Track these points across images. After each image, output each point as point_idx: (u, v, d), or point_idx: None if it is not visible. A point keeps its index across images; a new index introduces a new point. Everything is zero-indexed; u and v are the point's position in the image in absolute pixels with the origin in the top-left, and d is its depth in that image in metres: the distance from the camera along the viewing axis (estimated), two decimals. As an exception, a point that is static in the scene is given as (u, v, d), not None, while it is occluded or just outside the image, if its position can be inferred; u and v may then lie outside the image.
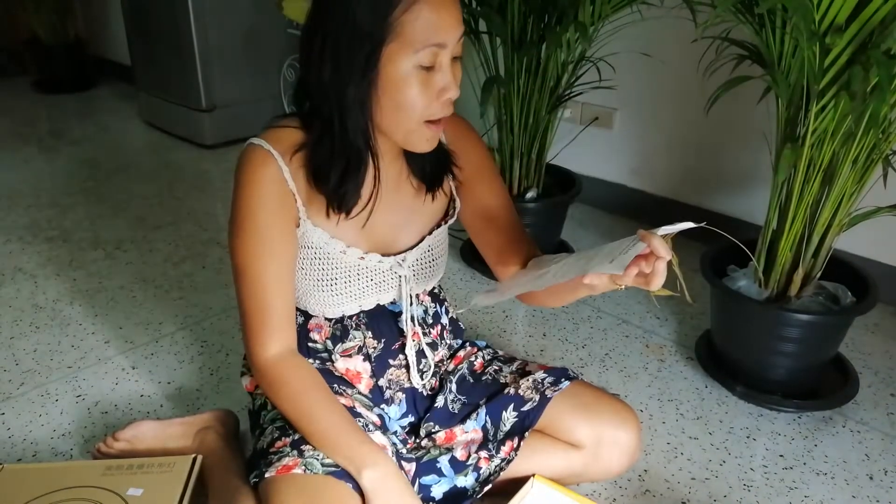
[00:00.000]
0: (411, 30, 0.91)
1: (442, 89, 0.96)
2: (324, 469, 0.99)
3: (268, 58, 3.06)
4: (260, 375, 1.05)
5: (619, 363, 1.68)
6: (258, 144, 1.01)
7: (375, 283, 1.11)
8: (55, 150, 3.01)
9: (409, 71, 0.93)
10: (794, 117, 1.43)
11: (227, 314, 1.84)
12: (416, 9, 0.91)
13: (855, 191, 1.44)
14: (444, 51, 0.94)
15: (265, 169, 1.00)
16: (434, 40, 0.92)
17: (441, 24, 0.92)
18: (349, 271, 1.09)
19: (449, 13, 0.93)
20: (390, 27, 0.91)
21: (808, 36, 1.24)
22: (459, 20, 0.95)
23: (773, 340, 1.49)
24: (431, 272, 1.17)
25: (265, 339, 1.04)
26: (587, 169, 2.41)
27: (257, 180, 1.00)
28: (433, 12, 0.91)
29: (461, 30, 0.96)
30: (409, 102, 0.95)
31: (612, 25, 1.82)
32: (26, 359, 1.65)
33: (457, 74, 0.98)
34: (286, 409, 1.05)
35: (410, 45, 0.92)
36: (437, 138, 1.02)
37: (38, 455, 1.37)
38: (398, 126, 0.98)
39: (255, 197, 1.00)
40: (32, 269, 2.06)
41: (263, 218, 1.01)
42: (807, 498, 1.30)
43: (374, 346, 1.15)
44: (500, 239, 1.17)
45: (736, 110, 1.97)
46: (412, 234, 1.14)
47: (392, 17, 0.90)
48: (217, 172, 2.82)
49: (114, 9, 3.68)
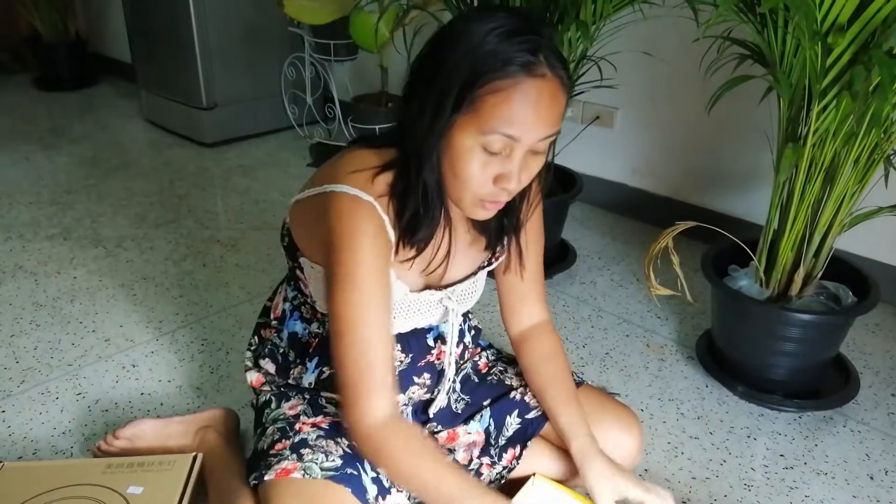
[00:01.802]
0: (488, 111, 0.87)
1: (500, 176, 0.92)
2: (323, 474, 0.99)
3: (269, 56, 3.06)
4: (362, 444, 0.97)
5: (619, 362, 1.68)
6: (355, 195, 0.94)
7: (421, 313, 1.10)
8: (56, 148, 3.01)
9: (472, 147, 0.90)
10: (795, 117, 1.43)
11: (227, 312, 1.84)
12: (503, 95, 0.86)
13: (856, 191, 1.44)
14: (517, 143, 0.89)
15: (369, 221, 0.94)
16: (506, 131, 0.88)
17: (522, 121, 0.88)
18: (401, 304, 1.07)
19: (536, 113, 0.88)
20: (472, 98, 0.87)
21: (810, 35, 1.24)
22: (550, 122, 0.90)
23: (773, 340, 1.49)
24: (470, 301, 1.17)
25: (369, 406, 0.95)
26: (588, 168, 2.41)
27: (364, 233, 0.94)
28: (518, 106, 0.87)
29: (548, 132, 0.90)
30: (464, 176, 0.92)
31: (614, 24, 1.82)
32: (27, 356, 1.65)
33: (531, 167, 0.93)
34: (397, 475, 0.98)
35: (481, 125, 0.88)
36: (490, 214, 0.98)
37: (38, 453, 1.37)
38: (452, 192, 0.95)
39: (363, 250, 0.94)
40: (33, 266, 2.06)
41: (370, 270, 0.95)
42: (807, 497, 1.30)
43: (401, 359, 1.13)
44: (519, 289, 1.18)
45: (737, 110, 1.97)
46: (463, 268, 1.12)
47: (477, 90, 0.87)
48: (218, 170, 2.82)
49: (114, 6, 3.68)
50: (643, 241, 2.24)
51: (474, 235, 1.10)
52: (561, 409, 1.12)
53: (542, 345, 1.18)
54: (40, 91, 3.85)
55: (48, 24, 3.75)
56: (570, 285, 2.01)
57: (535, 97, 0.87)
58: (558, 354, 1.18)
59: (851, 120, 1.31)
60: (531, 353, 1.18)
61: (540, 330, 1.19)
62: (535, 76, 0.87)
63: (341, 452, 1.03)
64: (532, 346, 1.19)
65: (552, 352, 1.18)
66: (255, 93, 3.10)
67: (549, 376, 1.15)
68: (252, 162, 2.90)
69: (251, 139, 3.14)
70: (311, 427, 1.07)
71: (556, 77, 0.89)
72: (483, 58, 0.86)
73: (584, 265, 2.12)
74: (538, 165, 0.95)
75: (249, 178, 2.73)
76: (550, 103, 0.89)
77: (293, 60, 2.97)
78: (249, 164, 2.88)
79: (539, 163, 0.95)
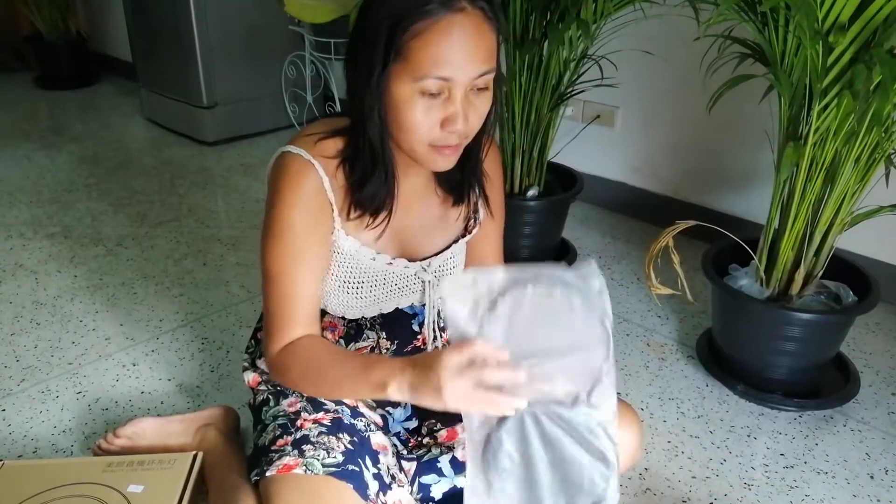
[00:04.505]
0: (415, 56, 0.87)
1: (446, 119, 0.92)
2: (324, 470, 0.99)
3: (269, 54, 3.06)
4: (272, 364, 1.04)
5: (619, 361, 1.68)
6: (297, 154, 0.98)
7: (399, 288, 1.11)
8: (56, 147, 3.01)
9: (411, 95, 0.90)
10: (796, 116, 1.43)
11: (227, 311, 1.84)
12: (424, 37, 0.87)
13: (857, 190, 1.44)
14: (453, 83, 0.89)
15: (305, 179, 0.98)
16: (437, 73, 0.88)
17: (450, 60, 0.88)
18: (375, 277, 1.08)
19: (462, 49, 0.88)
20: (398, 48, 0.88)
21: (811, 34, 1.24)
22: (478, 58, 0.89)
23: (774, 339, 1.48)
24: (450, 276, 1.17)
25: (284, 339, 1.02)
26: (589, 167, 2.41)
27: (296, 190, 0.98)
28: (441, 46, 0.87)
29: (481, 69, 0.90)
30: (409, 125, 0.92)
31: (615, 23, 1.82)
32: (27, 355, 1.65)
33: (477, 106, 0.93)
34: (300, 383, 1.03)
35: (413, 71, 0.88)
36: (450, 161, 0.98)
37: (38, 451, 1.37)
38: (404, 144, 0.96)
39: (295, 207, 0.98)
40: (33, 265, 2.06)
41: (302, 229, 0.99)
42: (807, 497, 1.30)
43: (387, 346, 1.14)
44: (476, 259, 1.21)
45: (738, 109, 1.97)
46: (437, 241, 1.14)
47: (401, 38, 0.87)
48: (218, 169, 2.82)
49: (115, 5, 3.68)
50: (643, 241, 2.24)
51: (445, 207, 1.11)
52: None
53: None
54: (41, 90, 3.85)
55: (49, 22, 3.75)
56: (570, 284, 2.01)
57: (458, 33, 0.87)
58: None
59: (852, 119, 1.31)
60: None
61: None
62: (454, 11, 0.87)
63: (343, 449, 1.03)
64: None
65: None
66: (255, 91, 3.10)
67: None
68: (253, 161, 2.90)
69: (252, 138, 3.14)
70: (312, 423, 1.07)
71: (476, 9, 0.89)
72: (399, 5, 0.87)
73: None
74: (484, 103, 0.95)
75: (250, 177, 2.73)
76: (476, 37, 0.88)
77: (294, 59, 2.97)
78: (250, 162, 2.88)
79: (485, 100, 0.94)
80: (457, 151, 0.98)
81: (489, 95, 0.95)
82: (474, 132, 0.97)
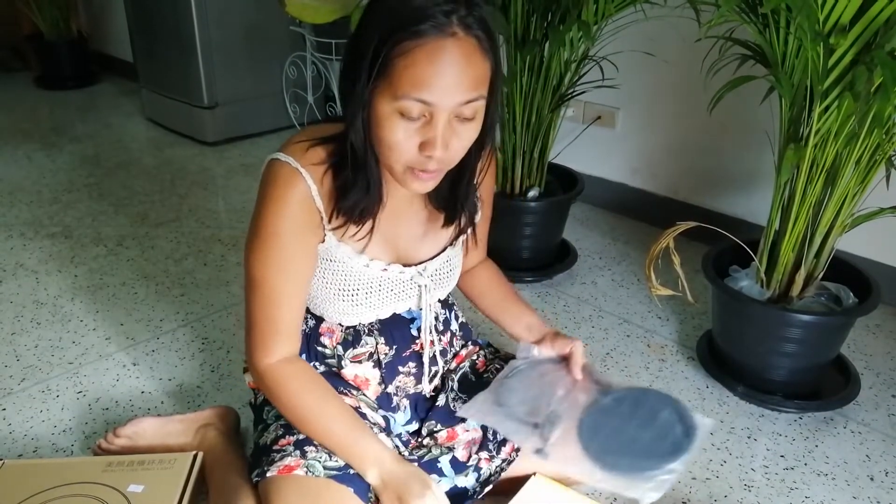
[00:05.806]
0: (398, 75, 0.85)
1: (423, 143, 0.89)
2: (326, 472, 0.99)
3: (270, 55, 3.06)
4: (259, 378, 1.05)
5: (620, 363, 1.68)
6: (285, 161, 0.97)
7: (395, 294, 1.11)
8: (57, 147, 3.01)
9: (391, 113, 0.88)
10: (797, 117, 1.43)
11: (228, 311, 1.84)
12: (409, 56, 0.84)
13: (858, 191, 1.44)
14: (435, 108, 0.86)
15: (293, 189, 0.97)
16: (416, 96, 0.85)
17: (433, 85, 0.84)
18: (371, 283, 1.08)
19: (447, 75, 0.84)
20: (383, 63, 0.85)
21: (812, 36, 1.24)
22: (464, 86, 0.86)
23: (774, 341, 1.48)
24: (448, 282, 1.17)
25: (270, 348, 1.03)
26: (589, 168, 2.41)
27: (283, 199, 0.97)
28: (425, 68, 0.84)
29: (466, 96, 0.86)
30: (387, 143, 0.90)
31: (616, 24, 1.82)
32: (27, 355, 1.65)
33: (461, 134, 0.90)
34: (286, 411, 1.04)
35: (394, 89, 0.86)
36: (426, 186, 0.96)
37: (38, 451, 1.37)
38: (383, 160, 0.95)
39: (281, 216, 0.97)
40: (34, 265, 2.06)
41: (287, 237, 0.98)
42: (807, 499, 1.30)
43: (385, 352, 1.14)
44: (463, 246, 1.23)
45: (739, 110, 1.97)
46: (431, 244, 1.13)
47: (388, 54, 0.85)
48: (219, 169, 2.82)
49: (116, 5, 3.68)
50: (644, 242, 2.24)
51: (431, 211, 1.11)
52: (520, 318, 1.25)
53: (481, 272, 1.31)
54: (42, 89, 3.85)
55: (50, 22, 3.75)
56: (570, 285, 2.01)
57: (446, 58, 0.84)
58: (498, 278, 1.31)
59: (853, 121, 1.31)
60: (474, 282, 1.30)
61: (479, 266, 1.31)
62: (444, 35, 0.84)
63: None
64: (474, 274, 1.30)
65: (489, 276, 1.30)
66: (256, 92, 3.10)
67: (498, 298, 1.29)
68: (253, 161, 2.90)
69: (253, 138, 3.14)
70: None
71: (470, 37, 0.86)
72: (393, 20, 0.85)
73: (585, 265, 2.12)
74: (469, 132, 0.92)
75: (251, 178, 2.73)
76: (464, 64, 0.85)
77: (294, 59, 2.97)
78: (251, 163, 2.88)
79: (471, 130, 0.92)
80: (435, 177, 0.95)
81: (476, 125, 0.92)
82: (455, 160, 0.95)
